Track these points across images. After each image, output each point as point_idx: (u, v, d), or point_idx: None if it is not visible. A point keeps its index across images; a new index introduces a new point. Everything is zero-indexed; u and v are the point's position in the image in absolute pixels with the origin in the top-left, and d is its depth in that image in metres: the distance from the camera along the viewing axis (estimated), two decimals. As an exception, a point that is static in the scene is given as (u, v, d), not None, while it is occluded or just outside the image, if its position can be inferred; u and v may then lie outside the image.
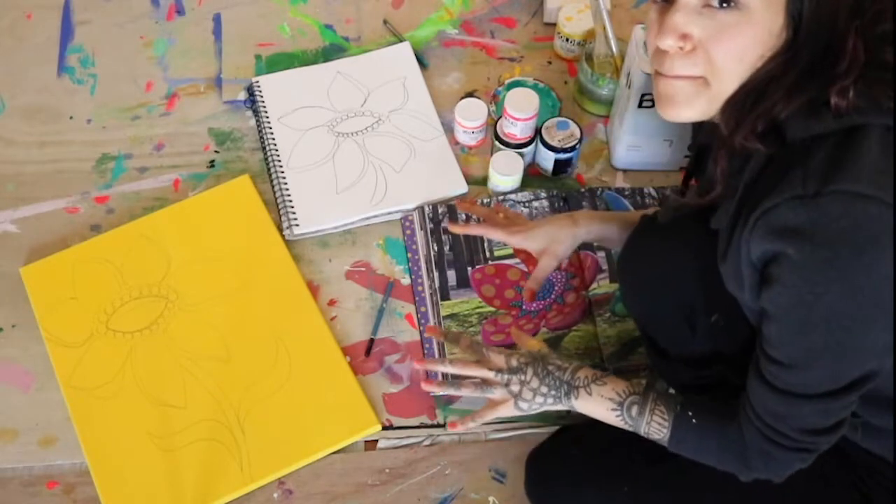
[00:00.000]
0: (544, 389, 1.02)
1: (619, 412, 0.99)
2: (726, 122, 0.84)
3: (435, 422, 1.23)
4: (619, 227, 1.15)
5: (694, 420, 0.95)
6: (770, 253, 0.80)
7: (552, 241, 1.17)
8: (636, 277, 1.09)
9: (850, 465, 1.00)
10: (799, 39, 0.78)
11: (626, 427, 1.00)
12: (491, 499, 1.19)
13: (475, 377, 1.06)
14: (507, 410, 1.05)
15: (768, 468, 0.91)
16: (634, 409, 0.98)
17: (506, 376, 1.04)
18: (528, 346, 1.07)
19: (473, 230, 1.23)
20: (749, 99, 0.81)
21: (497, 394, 1.04)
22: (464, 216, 1.37)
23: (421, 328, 1.30)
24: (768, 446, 0.89)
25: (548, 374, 1.02)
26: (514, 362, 1.04)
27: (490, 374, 1.04)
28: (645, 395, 0.99)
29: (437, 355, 1.26)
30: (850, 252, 0.76)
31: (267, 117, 1.49)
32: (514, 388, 1.03)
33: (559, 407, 1.03)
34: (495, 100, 1.52)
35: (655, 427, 0.97)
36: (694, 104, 0.84)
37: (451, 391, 1.08)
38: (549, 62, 1.59)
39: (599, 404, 1.00)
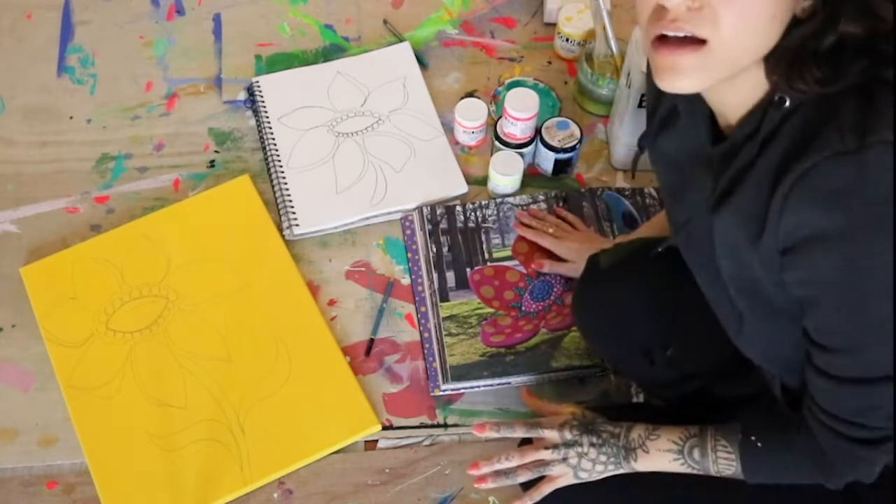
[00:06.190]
0: (602, 458, 1.00)
1: (681, 460, 0.96)
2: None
3: (435, 422, 1.24)
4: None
5: (759, 444, 0.90)
6: (805, 226, 0.72)
7: (578, 258, 1.23)
8: (590, 325, 1.12)
9: None
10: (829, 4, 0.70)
11: (695, 472, 0.95)
12: (491, 499, 1.19)
13: (533, 461, 1.04)
14: (566, 482, 1.02)
15: (856, 470, 0.85)
16: (696, 453, 0.94)
17: (562, 451, 1.01)
18: (564, 412, 1.05)
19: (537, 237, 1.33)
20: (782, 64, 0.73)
21: (555, 470, 1.02)
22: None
23: (421, 328, 1.30)
24: (851, 446, 0.82)
25: (603, 442, 1.00)
26: (568, 435, 1.01)
27: (547, 454, 1.02)
28: (703, 435, 0.95)
29: (436, 356, 1.26)
30: None
31: (267, 117, 1.49)
32: (573, 461, 1.01)
33: (620, 472, 1.00)
34: (495, 100, 1.52)
35: (724, 464, 0.93)
36: (697, 74, 0.73)
37: (507, 482, 1.05)
38: (549, 62, 1.59)
39: (660, 458, 0.97)
